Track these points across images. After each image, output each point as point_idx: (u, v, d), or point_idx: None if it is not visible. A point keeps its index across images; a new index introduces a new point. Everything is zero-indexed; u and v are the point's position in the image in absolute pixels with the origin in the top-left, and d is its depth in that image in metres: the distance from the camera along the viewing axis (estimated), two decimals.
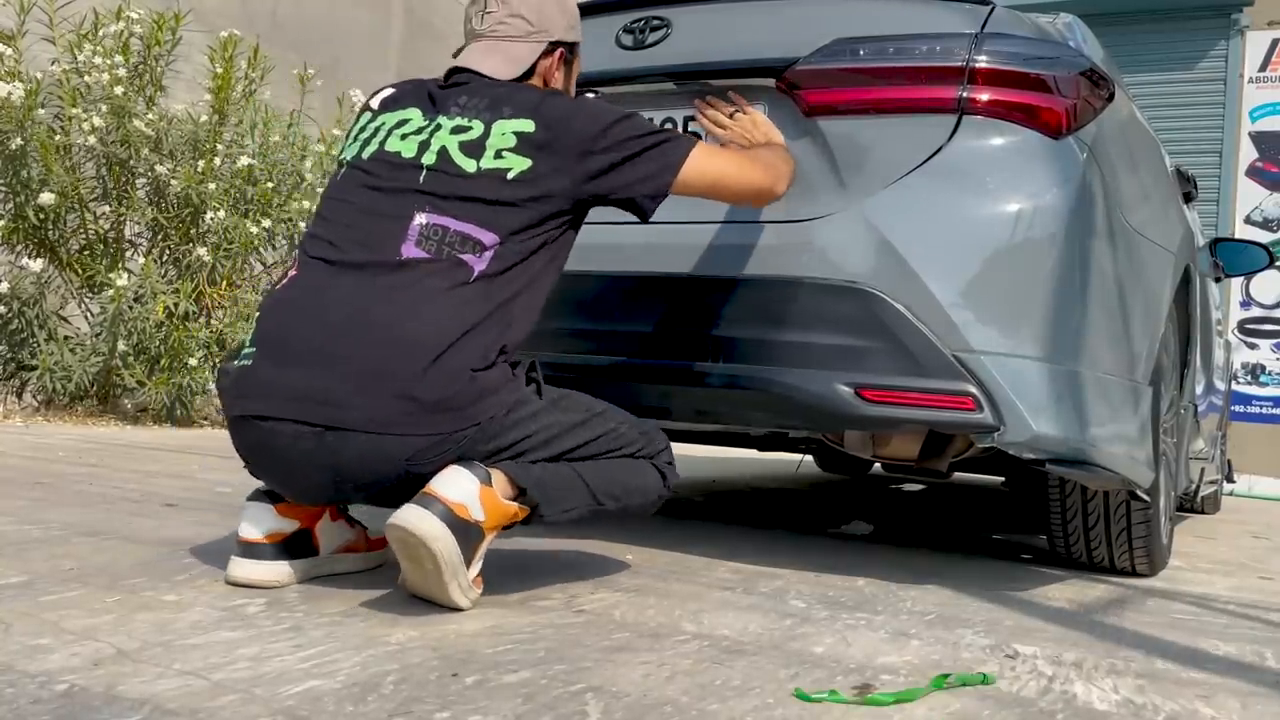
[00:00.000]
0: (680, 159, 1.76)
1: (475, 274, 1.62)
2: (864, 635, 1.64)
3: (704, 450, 6.38)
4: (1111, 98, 2.20)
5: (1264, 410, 8.09)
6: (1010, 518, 3.92)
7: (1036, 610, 1.97)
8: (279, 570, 1.65)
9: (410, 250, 1.61)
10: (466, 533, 1.51)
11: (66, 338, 4.65)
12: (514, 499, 1.59)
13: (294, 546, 1.67)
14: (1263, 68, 8.27)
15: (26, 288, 4.58)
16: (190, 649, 1.26)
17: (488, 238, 1.64)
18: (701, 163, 1.79)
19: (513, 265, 1.65)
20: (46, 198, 4.46)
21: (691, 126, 2.21)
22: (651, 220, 2.12)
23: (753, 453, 6.73)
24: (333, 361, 1.55)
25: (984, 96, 2.02)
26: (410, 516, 1.47)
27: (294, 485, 1.64)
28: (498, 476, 1.57)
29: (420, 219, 1.63)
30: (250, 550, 1.63)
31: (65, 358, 4.46)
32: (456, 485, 1.52)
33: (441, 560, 1.49)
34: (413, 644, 1.37)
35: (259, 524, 1.64)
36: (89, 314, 4.88)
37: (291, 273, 1.69)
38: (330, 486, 1.61)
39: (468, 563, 1.54)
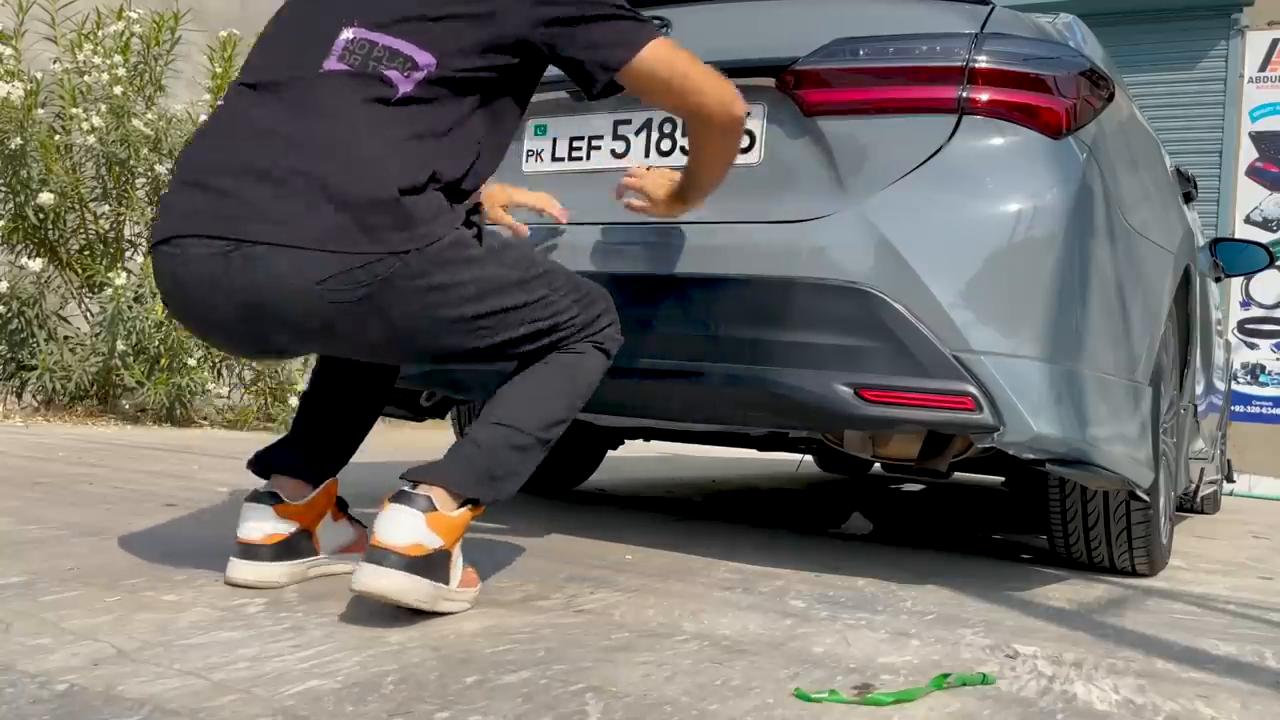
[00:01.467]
0: (643, 40, 1.61)
1: (399, 93, 1.50)
2: (864, 635, 1.64)
3: (704, 450, 6.38)
4: (1111, 98, 2.20)
5: (1264, 410, 8.09)
6: (1010, 518, 3.92)
7: (1036, 610, 1.97)
8: (278, 571, 1.64)
9: (332, 64, 1.52)
10: (430, 565, 1.47)
11: (66, 338, 4.65)
12: (462, 505, 1.53)
13: (293, 547, 1.67)
14: (1263, 68, 8.27)
15: (26, 288, 4.58)
16: (190, 649, 1.26)
17: (422, 57, 1.51)
18: (667, 52, 1.63)
19: (443, 98, 1.53)
20: (46, 198, 4.46)
21: None
22: (652, 221, 2.13)
23: (753, 453, 6.73)
24: (243, 173, 1.47)
25: (984, 96, 2.02)
26: (368, 579, 1.44)
27: (210, 324, 1.54)
28: (439, 496, 1.49)
29: (347, 34, 1.53)
30: (249, 552, 1.63)
31: (65, 357, 4.46)
32: (402, 528, 1.45)
33: (417, 604, 1.47)
34: (413, 644, 1.37)
35: (258, 525, 1.63)
36: (89, 314, 4.88)
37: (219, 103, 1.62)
38: (245, 323, 1.50)
39: (446, 580, 1.51)
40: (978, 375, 1.91)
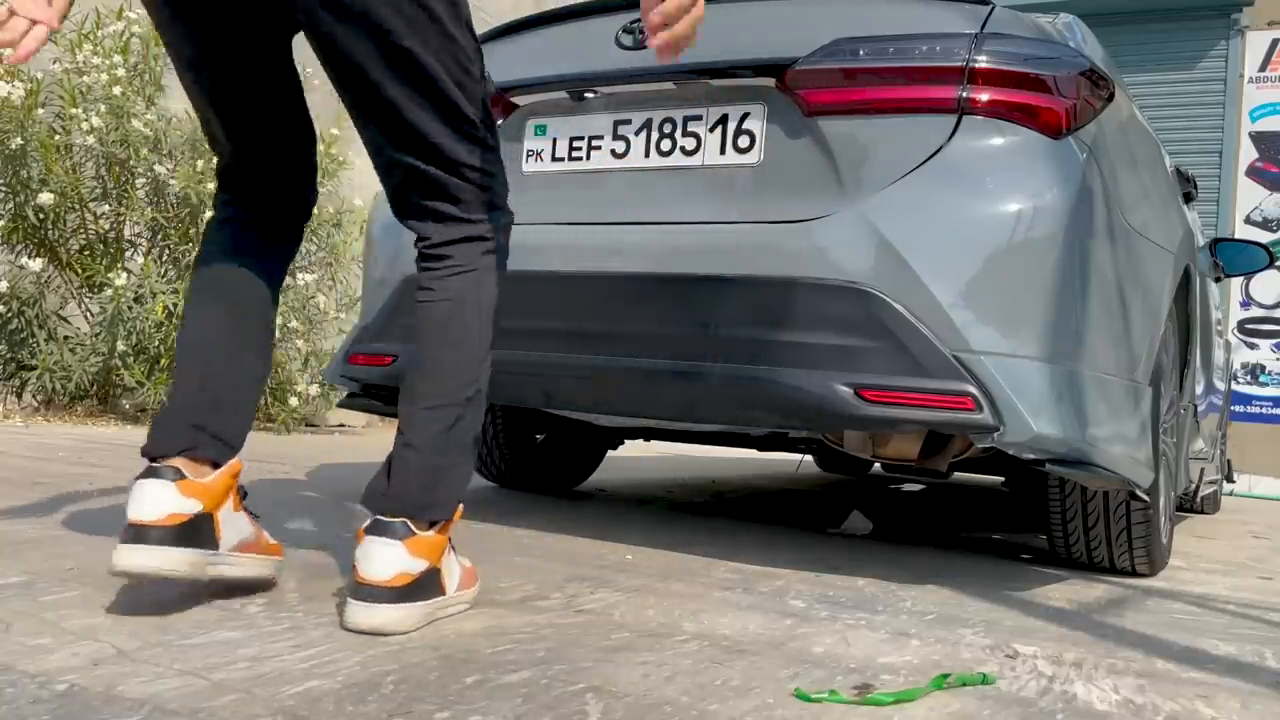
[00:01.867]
0: None
1: None
2: (864, 635, 1.64)
3: (704, 450, 6.38)
4: (1111, 98, 2.20)
5: (1264, 410, 8.09)
6: (1010, 518, 3.92)
7: (1036, 610, 1.97)
8: (179, 559, 1.40)
9: None
10: (420, 587, 1.44)
11: (66, 338, 4.65)
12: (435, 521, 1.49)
13: (196, 532, 1.43)
14: (1263, 68, 8.28)
15: (26, 288, 4.58)
16: (190, 649, 1.26)
17: None
18: None
19: None
20: (46, 198, 4.46)
21: (691, 126, 2.21)
22: (651, 220, 2.13)
23: (753, 453, 6.73)
24: None
25: (984, 96, 2.02)
26: (360, 618, 1.40)
27: None
28: (413, 521, 1.45)
29: None
30: (141, 534, 1.38)
31: (65, 358, 4.46)
32: (383, 561, 1.41)
33: (413, 629, 1.44)
34: (412, 644, 1.37)
35: (156, 503, 1.40)
36: (89, 314, 4.88)
37: None
38: None
39: (441, 592, 1.49)
40: (978, 375, 1.91)
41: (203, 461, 1.48)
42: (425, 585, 1.45)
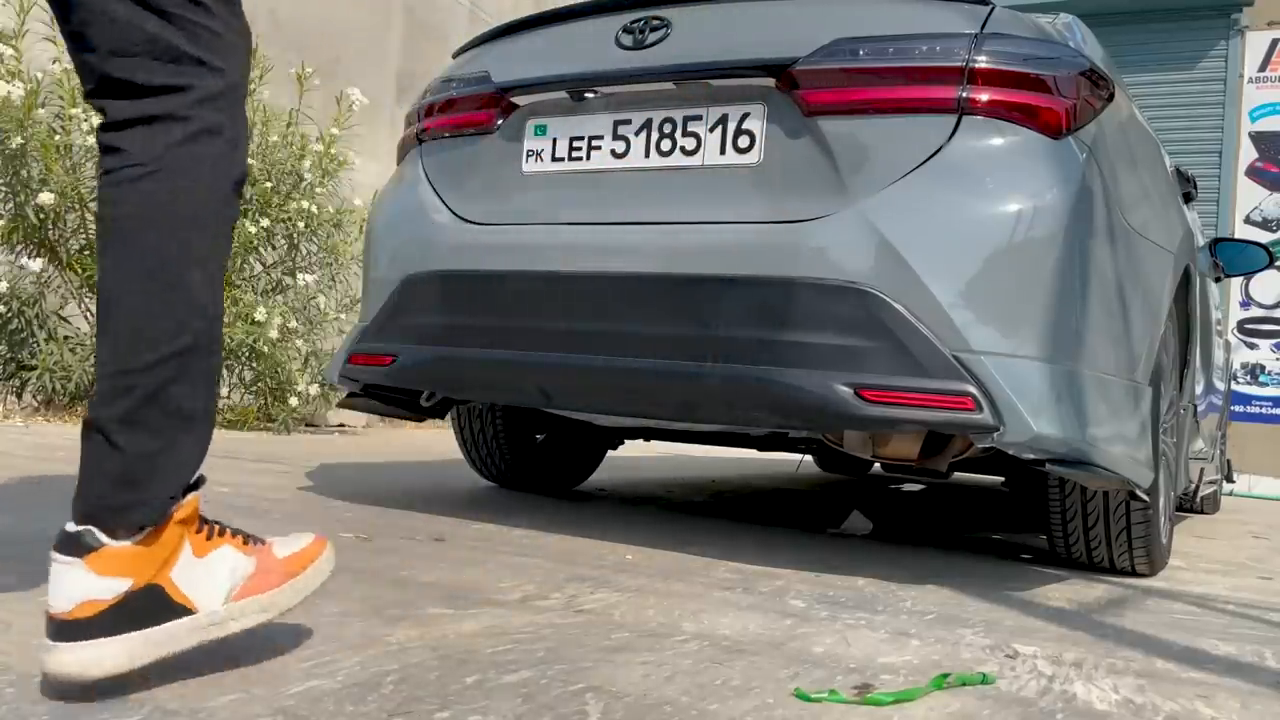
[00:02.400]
0: None
1: None
2: (864, 635, 1.64)
3: (704, 450, 6.38)
4: (1111, 98, 2.21)
5: (1264, 410, 8.09)
6: (1010, 518, 3.92)
7: (1036, 610, 1.97)
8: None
9: None
10: (127, 616, 1.06)
11: (66, 338, 4.65)
12: (143, 527, 1.09)
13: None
14: (1263, 68, 8.28)
15: (26, 287, 4.58)
16: (190, 649, 1.26)
17: None
18: None
19: None
20: (46, 197, 4.46)
21: (691, 126, 2.21)
22: (651, 220, 2.13)
23: (753, 453, 6.73)
24: None
25: (984, 96, 2.02)
26: (47, 662, 1.05)
27: None
28: (100, 529, 1.07)
29: None
30: None
31: (65, 358, 4.46)
32: (59, 588, 1.05)
33: (124, 668, 1.07)
34: (412, 644, 1.37)
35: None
36: (89, 314, 4.88)
37: None
38: None
39: (188, 609, 1.12)
40: (977, 375, 1.91)
41: None
42: (137, 611, 1.07)
